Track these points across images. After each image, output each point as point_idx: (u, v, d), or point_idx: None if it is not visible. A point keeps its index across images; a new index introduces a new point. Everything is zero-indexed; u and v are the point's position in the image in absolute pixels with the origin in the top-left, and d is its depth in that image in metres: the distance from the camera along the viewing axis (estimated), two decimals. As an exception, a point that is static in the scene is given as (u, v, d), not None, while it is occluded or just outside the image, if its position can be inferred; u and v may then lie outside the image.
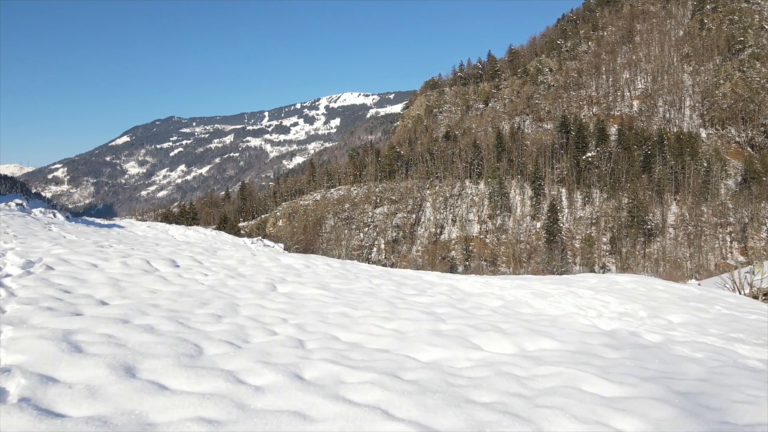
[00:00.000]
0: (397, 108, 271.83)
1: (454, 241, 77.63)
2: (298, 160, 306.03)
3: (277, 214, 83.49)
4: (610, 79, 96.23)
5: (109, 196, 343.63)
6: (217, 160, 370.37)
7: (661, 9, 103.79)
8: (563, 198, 79.87)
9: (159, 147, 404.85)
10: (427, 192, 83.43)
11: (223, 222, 46.09)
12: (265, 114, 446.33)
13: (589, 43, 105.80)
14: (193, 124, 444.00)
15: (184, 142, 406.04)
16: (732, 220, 71.76)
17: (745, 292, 13.98)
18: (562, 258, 70.78)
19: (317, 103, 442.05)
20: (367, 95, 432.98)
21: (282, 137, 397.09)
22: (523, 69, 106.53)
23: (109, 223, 17.16)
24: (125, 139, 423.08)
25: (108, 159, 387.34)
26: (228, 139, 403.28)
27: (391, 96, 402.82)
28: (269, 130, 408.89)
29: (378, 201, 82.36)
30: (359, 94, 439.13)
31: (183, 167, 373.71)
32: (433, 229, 79.29)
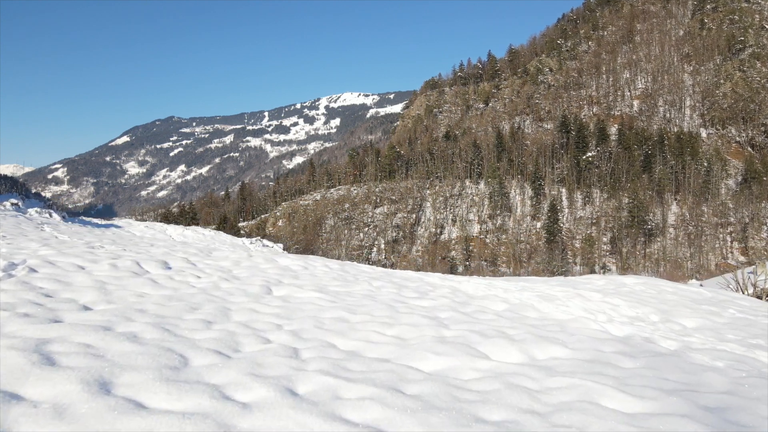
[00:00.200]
0: (397, 108, 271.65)
1: (454, 241, 77.43)
2: (298, 160, 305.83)
3: (277, 214, 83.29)
4: (611, 79, 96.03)
5: (109, 196, 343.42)
6: (217, 160, 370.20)
7: (662, 9, 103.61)
8: (563, 198, 79.68)
9: (159, 147, 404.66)
10: (427, 192, 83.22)
11: (222, 222, 45.82)
12: (265, 114, 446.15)
13: (590, 42, 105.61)
14: (193, 124, 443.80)
15: (184, 142, 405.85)
16: (732, 220, 71.60)
17: (748, 293, 13.85)
18: (562, 258, 70.59)
19: (317, 103, 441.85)
20: (367, 95, 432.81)
21: (282, 137, 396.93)
22: (524, 69, 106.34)
23: (106, 223, 16.95)
24: (125, 139, 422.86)
25: (108, 159, 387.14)
26: (228, 139, 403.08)
27: (391, 96, 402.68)
28: (269, 130, 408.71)
29: (378, 201, 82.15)
30: (359, 94, 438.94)
31: (183, 167, 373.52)
32: (433, 229, 79.09)
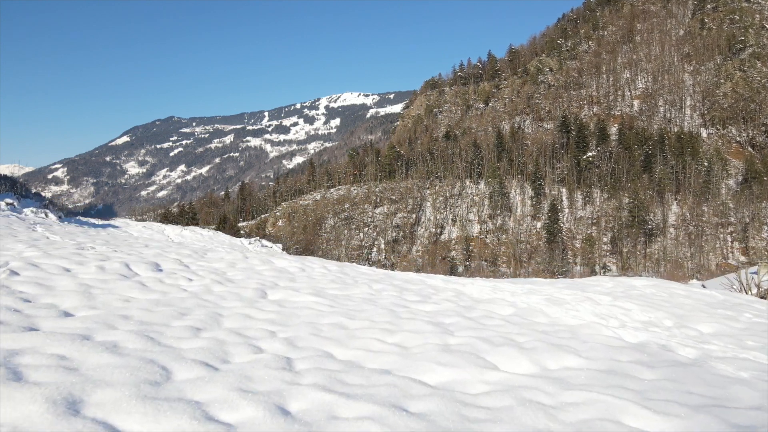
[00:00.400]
0: (397, 108, 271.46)
1: (454, 241, 77.22)
2: (298, 160, 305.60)
3: (277, 214, 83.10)
4: (611, 79, 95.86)
5: (109, 196, 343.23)
6: (217, 160, 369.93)
7: (662, 8, 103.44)
8: (564, 198, 79.49)
9: (159, 147, 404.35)
10: (427, 192, 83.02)
11: (222, 222, 45.54)
12: (265, 114, 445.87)
13: (590, 42, 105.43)
14: (193, 124, 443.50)
15: (184, 142, 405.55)
16: (733, 220, 71.45)
17: (752, 293, 13.70)
18: (562, 258, 70.41)
19: (317, 103, 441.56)
20: (367, 95, 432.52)
21: (282, 137, 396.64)
22: (524, 69, 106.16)
23: (103, 224, 16.74)
24: (125, 139, 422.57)
25: (108, 159, 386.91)
26: (228, 139, 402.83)
27: (391, 96, 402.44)
28: (269, 130, 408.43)
29: (378, 201, 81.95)
30: (359, 94, 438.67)
31: (183, 167, 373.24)
32: (433, 229, 78.88)
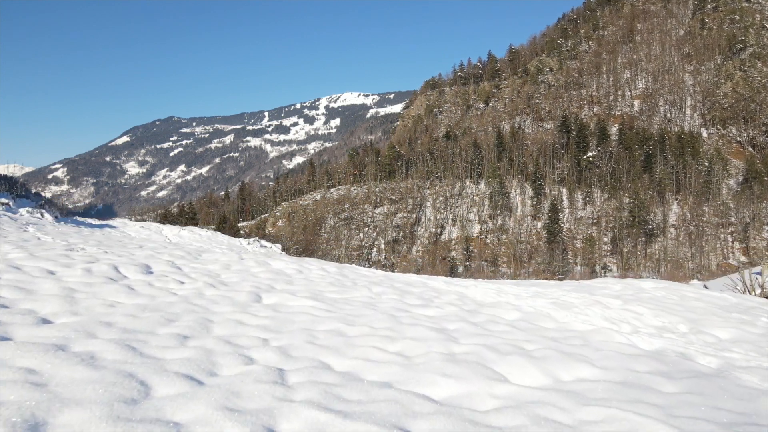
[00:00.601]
0: (397, 108, 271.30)
1: (454, 241, 77.01)
2: (298, 160, 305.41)
3: (277, 214, 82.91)
4: (611, 79, 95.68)
5: (109, 196, 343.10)
6: (217, 160, 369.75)
7: (662, 8, 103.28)
8: (564, 198, 79.29)
9: (159, 147, 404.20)
10: (428, 192, 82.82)
11: (222, 222, 45.34)
12: (265, 114, 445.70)
13: (590, 42, 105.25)
14: (193, 124, 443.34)
15: (184, 142, 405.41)
16: (733, 220, 71.27)
17: (756, 293, 13.57)
18: (563, 258, 70.21)
19: (317, 103, 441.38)
20: (367, 95, 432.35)
21: (282, 137, 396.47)
22: (524, 68, 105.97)
23: (100, 224, 16.54)
24: (125, 139, 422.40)
25: (108, 159, 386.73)
26: (228, 139, 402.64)
27: (391, 96, 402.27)
28: (269, 130, 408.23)
29: (378, 201, 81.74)
30: (359, 94, 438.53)
31: (183, 167, 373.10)
32: (434, 229, 78.67)
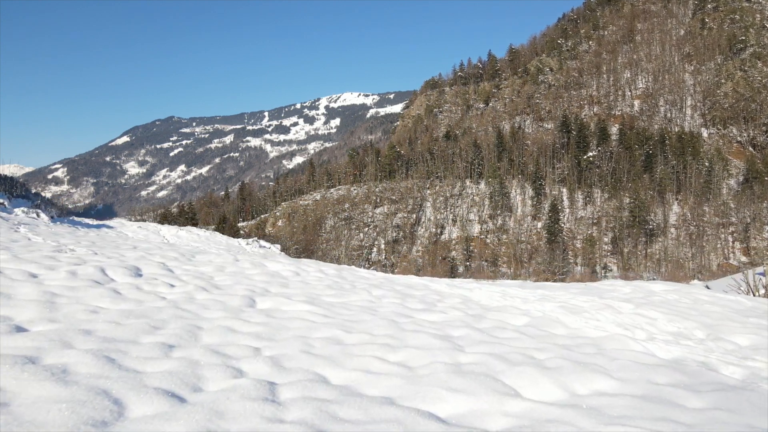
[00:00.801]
0: (397, 108, 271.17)
1: (454, 241, 76.81)
2: (298, 160, 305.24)
3: (277, 214, 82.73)
4: (611, 79, 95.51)
5: (109, 196, 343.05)
6: (217, 160, 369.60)
7: (662, 8, 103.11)
8: (564, 198, 79.10)
9: (159, 147, 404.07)
10: (428, 192, 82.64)
11: (222, 222, 45.16)
12: (265, 114, 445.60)
13: (590, 42, 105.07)
14: (193, 124, 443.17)
15: (184, 142, 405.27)
16: (734, 220, 71.10)
17: (760, 294, 13.43)
18: (563, 258, 70.00)
19: (317, 103, 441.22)
20: (367, 95, 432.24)
21: (282, 137, 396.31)
22: (524, 68, 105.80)
23: (97, 224, 16.34)
24: (125, 139, 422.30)
25: (108, 159, 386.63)
26: (228, 139, 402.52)
27: (391, 96, 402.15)
28: (269, 130, 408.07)
29: (378, 201, 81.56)
30: (359, 94, 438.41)
31: (183, 167, 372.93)
32: (434, 229, 78.48)
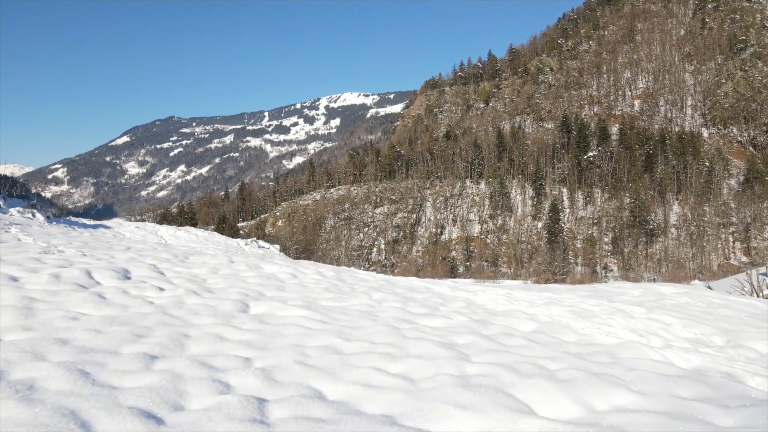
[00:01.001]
0: (397, 108, 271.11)
1: (454, 241, 76.61)
2: (298, 160, 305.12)
3: (277, 214, 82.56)
4: (611, 79, 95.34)
5: (109, 196, 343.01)
6: (217, 160, 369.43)
7: (663, 8, 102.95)
8: (564, 198, 78.92)
9: (159, 147, 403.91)
10: (428, 192, 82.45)
11: (221, 222, 44.96)
12: (265, 114, 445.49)
13: (590, 42, 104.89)
14: (193, 124, 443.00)
15: (184, 142, 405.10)
16: (735, 220, 70.94)
17: (763, 295, 13.30)
18: (563, 258, 69.82)
19: (317, 103, 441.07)
20: (367, 95, 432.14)
21: (282, 137, 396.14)
22: (524, 68, 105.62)
23: (94, 224, 16.14)
24: (125, 139, 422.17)
25: (108, 159, 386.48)
26: (228, 139, 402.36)
27: (391, 96, 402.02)
28: (269, 130, 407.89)
29: (378, 201, 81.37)
30: (359, 94, 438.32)
31: (183, 167, 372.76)
32: (434, 229, 78.28)
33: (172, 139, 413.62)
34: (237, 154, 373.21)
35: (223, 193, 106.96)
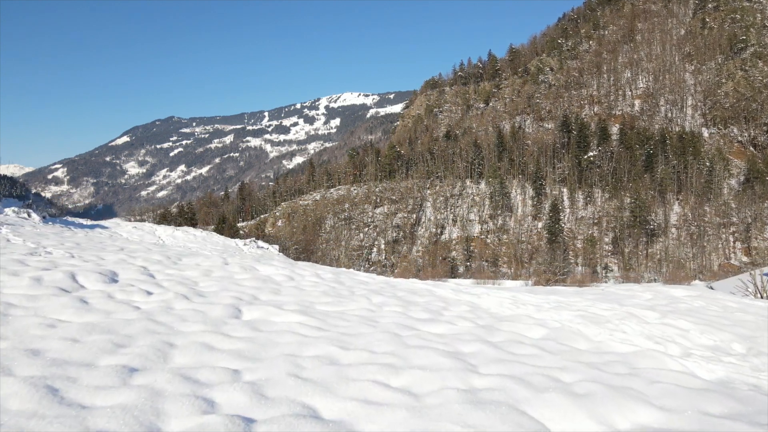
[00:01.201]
0: (397, 108, 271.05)
1: (454, 241, 76.43)
2: (298, 160, 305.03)
3: (277, 214, 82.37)
4: (612, 79, 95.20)
5: (108, 196, 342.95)
6: (217, 160, 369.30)
7: (663, 8, 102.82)
8: (565, 198, 78.74)
9: (159, 147, 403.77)
10: (428, 192, 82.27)
11: (221, 222, 44.73)
12: (265, 114, 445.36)
13: (590, 42, 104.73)
14: (193, 124, 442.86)
15: (184, 142, 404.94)
16: (735, 219, 70.82)
17: (767, 295, 13.21)
18: (563, 258, 69.66)
19: (317, 103, 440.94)
20: (367, 95, 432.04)
21: (282, 137, 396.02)
22: (524, 68, 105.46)
23: (91, 224, 15.95)
24: (125, 139, 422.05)
25: (108, 159, 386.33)
26: (228, 139, 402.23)
27: (391, 96, 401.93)
28: (269, 130, 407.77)
29: (378, 201, 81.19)
30: (359, 94, 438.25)
31: (183, 167, 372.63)
32: (434, 229, 78.10)
33: (172, 139, 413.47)
34: (237, 154, 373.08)
35: (222, 193, 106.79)
